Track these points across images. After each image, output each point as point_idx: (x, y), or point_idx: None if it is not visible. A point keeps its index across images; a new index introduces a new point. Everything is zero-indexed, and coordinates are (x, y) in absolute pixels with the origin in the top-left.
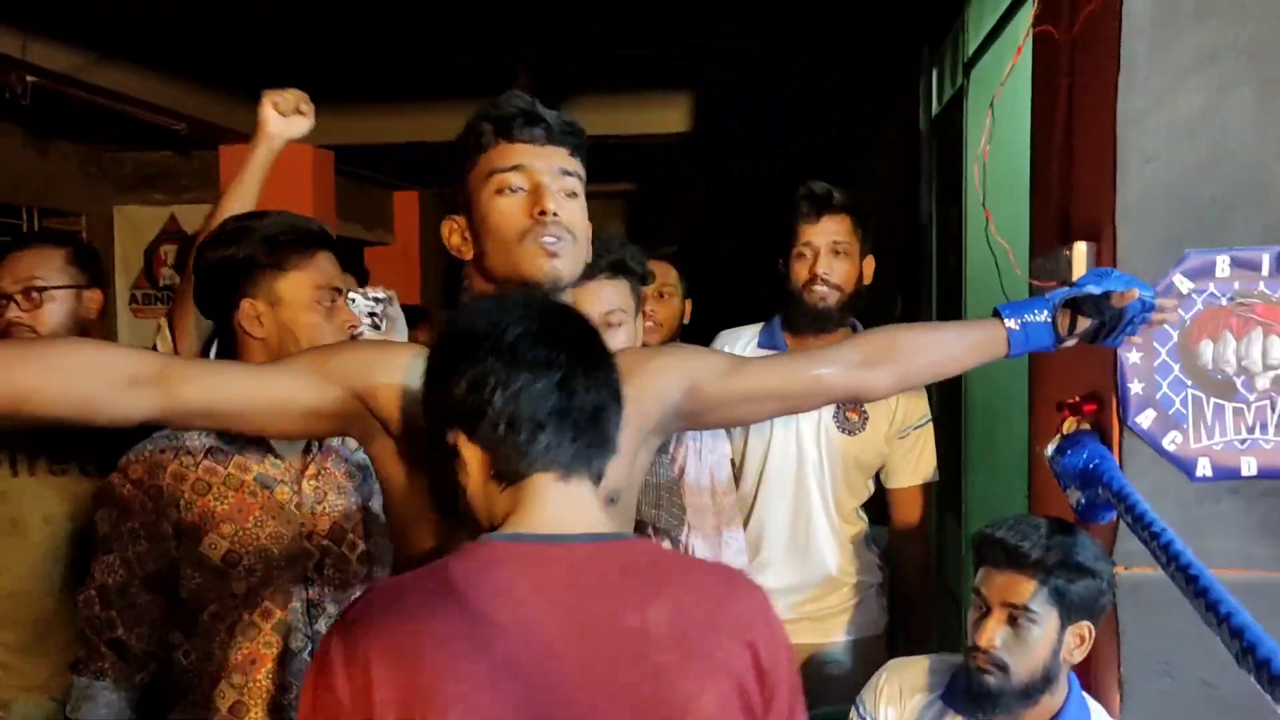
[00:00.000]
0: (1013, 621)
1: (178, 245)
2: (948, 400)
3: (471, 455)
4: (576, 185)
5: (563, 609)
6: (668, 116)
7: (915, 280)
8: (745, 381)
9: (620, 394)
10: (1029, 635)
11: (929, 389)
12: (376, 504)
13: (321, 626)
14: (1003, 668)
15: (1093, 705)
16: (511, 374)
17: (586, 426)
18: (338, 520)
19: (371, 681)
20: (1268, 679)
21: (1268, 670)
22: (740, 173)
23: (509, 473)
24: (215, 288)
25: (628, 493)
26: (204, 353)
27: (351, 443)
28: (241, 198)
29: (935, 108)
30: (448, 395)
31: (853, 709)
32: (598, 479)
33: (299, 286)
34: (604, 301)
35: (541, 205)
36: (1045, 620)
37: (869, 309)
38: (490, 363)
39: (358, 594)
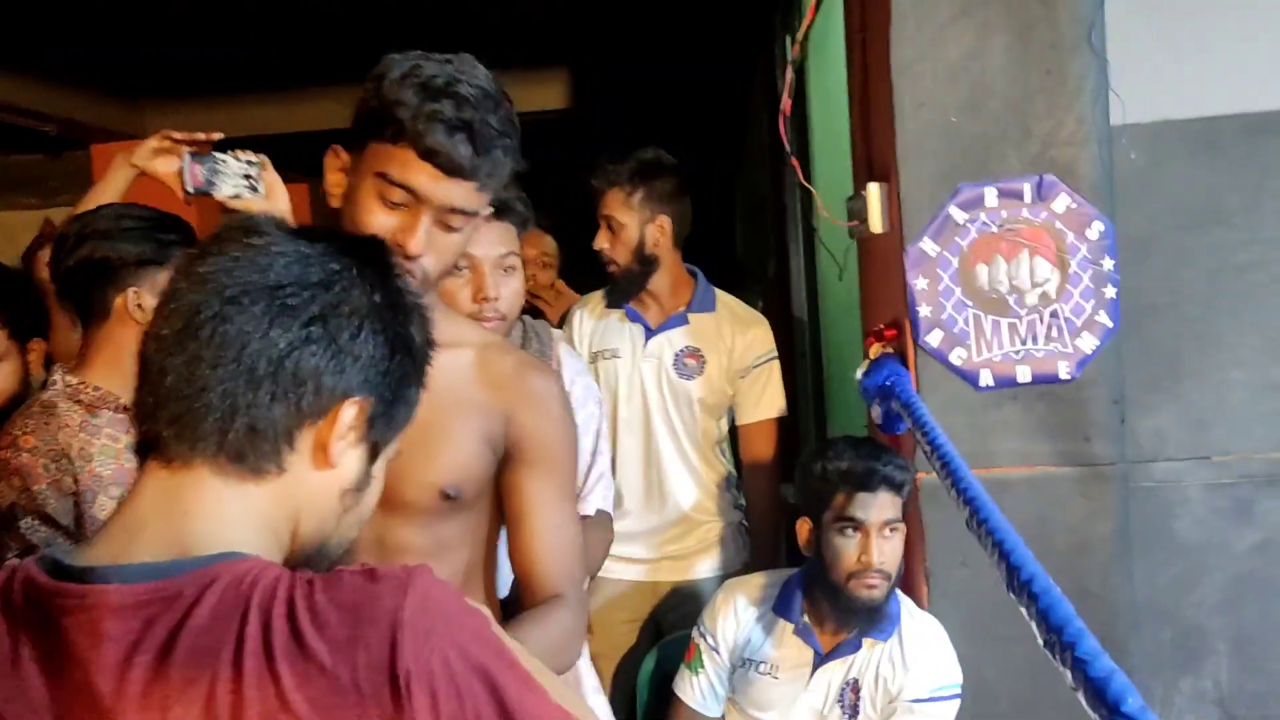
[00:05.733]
0: (887, 534)
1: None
2: (813, 346)
3: None
4: (460, 220)
5: (60, 688)
6: (546, 94)
7: (782, 233)
8: (523, 489)
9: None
10: (899, 541)
11: (775, 332)
12: None
13: None
14: (889, 577)
15: (899, 594)
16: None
17: (185, 388)
18: None
19: None
20: (1006, 568)
21: (1008, 561)
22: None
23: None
24: (92, 282)
25: (476, 489)
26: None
27: None
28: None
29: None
30: None
31: (694, 629)
32: (237, 456)
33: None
34: (499, 244)
35: (407, 250)
36: (902, 525)
37: (745, 260)
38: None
39: None
